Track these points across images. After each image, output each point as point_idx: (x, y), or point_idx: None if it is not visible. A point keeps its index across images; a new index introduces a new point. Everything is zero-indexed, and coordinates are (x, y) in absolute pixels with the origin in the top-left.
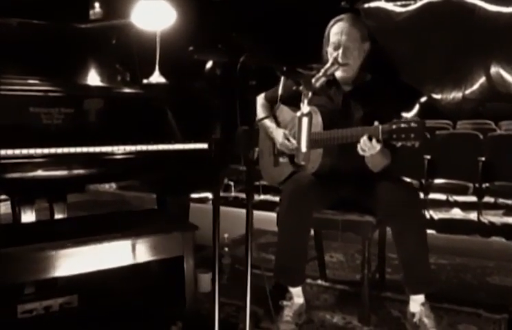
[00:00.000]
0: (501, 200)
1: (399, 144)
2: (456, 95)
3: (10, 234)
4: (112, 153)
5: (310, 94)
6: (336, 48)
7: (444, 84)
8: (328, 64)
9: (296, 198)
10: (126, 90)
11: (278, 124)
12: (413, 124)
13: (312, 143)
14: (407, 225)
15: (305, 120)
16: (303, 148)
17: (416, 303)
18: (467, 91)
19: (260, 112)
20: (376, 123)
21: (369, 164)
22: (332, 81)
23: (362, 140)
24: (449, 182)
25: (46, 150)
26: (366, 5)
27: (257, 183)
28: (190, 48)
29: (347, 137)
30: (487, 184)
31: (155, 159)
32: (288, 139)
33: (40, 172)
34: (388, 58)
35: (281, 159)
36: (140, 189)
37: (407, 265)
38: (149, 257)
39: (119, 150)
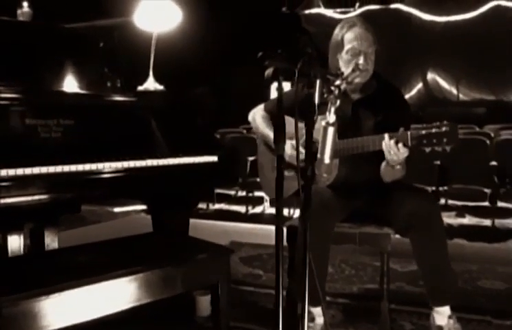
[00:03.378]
0: (454, 202)
1: (428, 150)
2: None
3: None
4: (112, 170)
5: (337, 102)
6: (355, 54)
7: None
8: (349, 70)
9: (320, 213)
10: (118, 98)
11: None
12: (445, 128)
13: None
14: (428, 235)
15: (331, 130)
16: (327, 160)
17: (442, 316)
18: (406, 97)
19: (260, 124)
20: (401, 129)
21: (383, 174)
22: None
23: (388, 144)
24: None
25: (29, 171)
26: (307, 12)
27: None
28: (260, 54)
29: (369, 145)
30: (445, 187)
31: (161, 175)
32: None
33: (23, 198)
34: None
35: (286, 173)
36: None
37: (431, 276)
38: (173, 292)
39: (122, 166)
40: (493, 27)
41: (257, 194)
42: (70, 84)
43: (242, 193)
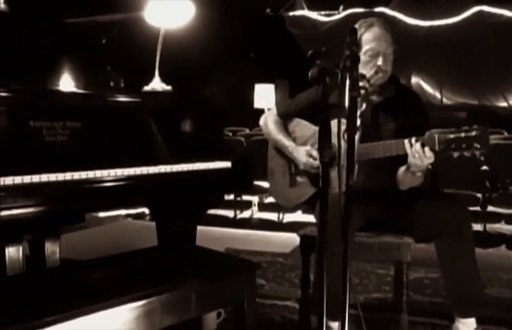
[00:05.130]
0: None
1: (456, 155)
2: None
3: None
4: (121, 178)
5: (363, 106)
6: (374, 55)
7: None
8: (372, 72)
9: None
10: (122, 98)
11: (294, 140)
12: (475, 133)
13: None
14: (459, 243)
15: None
16: None
17: (468, 328)
18: None
19: (273, 129)
20: (428, 133)
21: (402, 180)
22: None
23: (414, 148)
24: None
25: (28, 179)
26: (291, 14)
27: None
28: (310, 52)
29: (391, 149)
30: None
31: (172, 182)
32: (312, 157)
33: (24, 210)
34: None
35: (298, 179)
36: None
37: (458, 286)
38: (195, 313)
39: (134, 172)
40: (476, 32)
41: (245, 198)
42: (69, 83)
43: (229, 197)
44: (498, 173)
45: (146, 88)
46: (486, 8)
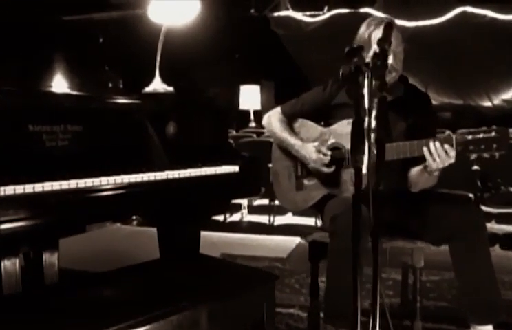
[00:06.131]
0: None
1: (473, 157)
2: None
3: None
4: (124, 185)
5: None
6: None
7: None
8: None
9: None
10: (123, 101)
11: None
12: (494, 134)
13: None
14: (471, 247)
15: (370, 137)
16: (364, 169)
17: None
18: None
19: (277, 128)
20: (449, 132)
21: (415, 182)
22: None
23: (437, 149)
24: None
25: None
26: (276, 14)
27: None
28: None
29: (406, 151)
30: None
31: (179, 188)
32: (322, 152)
33: (21, 223)
34: (298, 66)
35: (305, 182)
36: None
37: (474, 291)
38: None
39: (141, 179)
40: (460, 33)
41: (234, 200)
42: (63, 84)
43: None
44: (489, 173)
45: (147, 89)
46: (469, 9)
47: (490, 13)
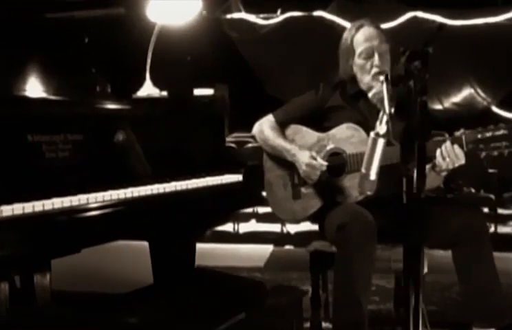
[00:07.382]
0: None
1: (483, 155)
2: None
3: None
4: (120, 201)
5: (392, 110)
6: (369, 56)
7: None
8: (371, 75)
9: (362, 235)
10: (113, 106)
11: None
12: (503, 131)
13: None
14: (475, 251)
15: (381, 142)
16: (373, 176)
17: None
18: None
19: (270, 135)
20: (461, 130)
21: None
22: (359, 93)
23: (448, 149)
24: None
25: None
26: (229, 16)
27: None
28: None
29: None
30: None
31: (179, 202)
32: (315, 159)
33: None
34: (252, 69)
35: (303, 190)
36: None
37: (476, 295)
38: None
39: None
40: (410, 37)
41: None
42: (43, 88)
43: None
44: (451, 175)
45: (140, 93)
46: (420, 14)
47: (439, 18)
